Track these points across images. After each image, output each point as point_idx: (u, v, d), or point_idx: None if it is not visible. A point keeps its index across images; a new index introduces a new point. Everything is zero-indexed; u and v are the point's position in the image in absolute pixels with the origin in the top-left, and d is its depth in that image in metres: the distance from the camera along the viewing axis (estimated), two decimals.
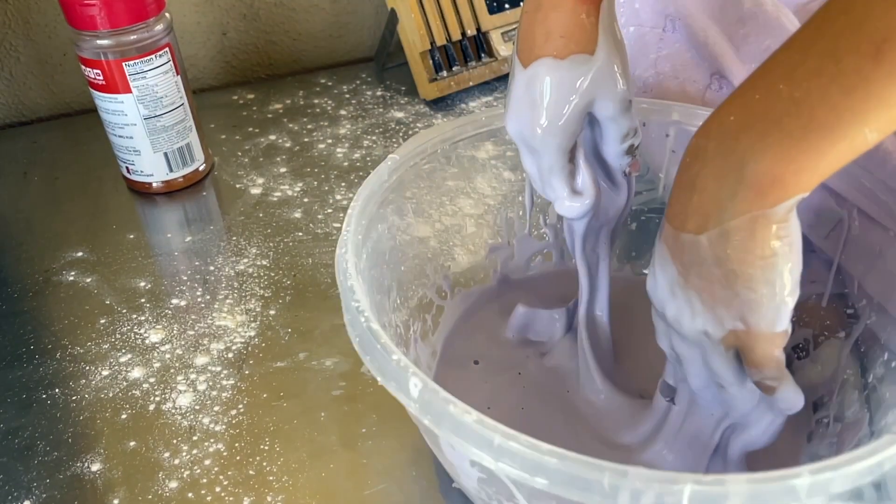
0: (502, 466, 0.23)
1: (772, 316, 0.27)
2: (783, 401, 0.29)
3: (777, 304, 0.27)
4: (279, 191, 0.58)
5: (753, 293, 0.26)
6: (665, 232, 0.29)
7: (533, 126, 0.34)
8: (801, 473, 0.22)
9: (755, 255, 0.26)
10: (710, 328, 0.28)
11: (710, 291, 0.27)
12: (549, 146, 0.34)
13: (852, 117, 0.22)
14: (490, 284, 0.45)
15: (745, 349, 0.28)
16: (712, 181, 0.26)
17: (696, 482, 0.22)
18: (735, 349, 0.29)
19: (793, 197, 0.25)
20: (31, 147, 0.64)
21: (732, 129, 0.25)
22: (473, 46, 0.69)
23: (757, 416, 0.31)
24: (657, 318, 0.31)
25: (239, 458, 0.38)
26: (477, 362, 0.41)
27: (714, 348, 0.29)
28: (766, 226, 0.25)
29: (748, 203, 0.25)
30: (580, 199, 0.36)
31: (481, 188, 0.44)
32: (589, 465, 0.22)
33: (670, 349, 0.31)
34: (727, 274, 0.27)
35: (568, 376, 0.40)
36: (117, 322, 0.46)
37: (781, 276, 0.26)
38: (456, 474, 0.32)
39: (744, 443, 0.32)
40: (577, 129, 0.34)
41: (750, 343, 0.28)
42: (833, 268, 0.37)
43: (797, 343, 0.39)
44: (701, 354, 0.30)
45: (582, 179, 0.36)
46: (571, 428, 0.37)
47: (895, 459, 0.24)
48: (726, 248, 0.26)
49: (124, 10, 0.50)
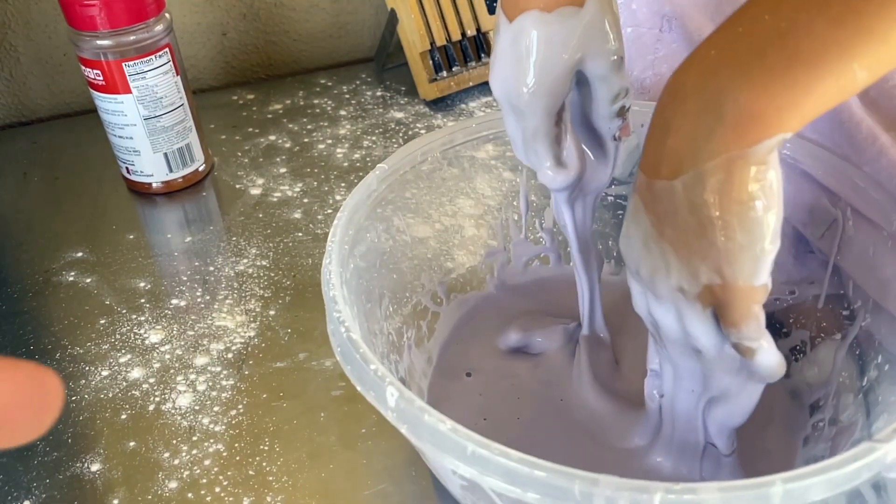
0: (475, 475, 0.23)
1: (750, 267, 0.25)
2: (763, 366, 0.27)
3: (756, 254, 0.25)
4: (279, 191, 0.58)
5: (730, 242, 0.25)
6: (638, 182, 0.27)
7: (518, 85, 0.32)
8: (774, 482, 0.22)
9: (732, 199, 0.24)
10: (685, 284, 0.26)
11: (685, 243, 0.26)
12: (535, 107, 0.32)
13: (840, 51, 0.21)
14: (486, 289, 0.45)
15: (722, 307, 0.26)
16: (688, 120, 0.25)
17: (666, 490, 0.22)
18: (712, 308, 0.27)
19: (774, 136, 0.23)
20: (31, 147, 0.64)
21: (712, 64, 0.24)
22: (473, 46, 0.69)
23: (736, 387, 0.29)
24: (632, 279, 0.30)
25: (239, 459, 0.38)
26: (469, 374, 0.40)
27: (690, 307, 0.27)
28: (744, 167, 0.24)
29: (726, 142, 0.24)
30: (564, 171, 0.34)
31: (481, 189, 0.44)
32: (560, 474, 0.22)
33: (647, 314, 0.30)
34: (703, 222, 0.25)
35: (562, 384, 0.39)
36: (117, 322, 0.46)
37: (760, 224, 0.24)
38: (443, 480, 0.32)
39: (722, 419, 0.31)
40: (565, 89, 0.32)
41: (727, 299, 0.26)
42: (829, 268, 0.37)
43: (794, 345, 0.39)
44: (677, 316, 0.28)
45: (567, 150, 0.34)
46: (569, 435, 0.37)
47: (874, 468, 0.23)
48: (702, 192, 0.24)
49: (124, 11, 0.50)
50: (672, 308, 0.28)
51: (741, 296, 0.26)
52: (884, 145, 0.34)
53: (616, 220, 0.46)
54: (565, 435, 0.37)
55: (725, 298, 0.26)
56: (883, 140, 0.34)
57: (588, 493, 0.22)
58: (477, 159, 0.43)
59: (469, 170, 0.43)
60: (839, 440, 0.33)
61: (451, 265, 0.44)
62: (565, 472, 0.22)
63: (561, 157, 0.34)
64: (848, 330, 0.36)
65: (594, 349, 0.40)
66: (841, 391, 0.35)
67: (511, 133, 0.34)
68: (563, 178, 0.34)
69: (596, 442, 0.36)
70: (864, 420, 0.32)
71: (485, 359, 0.41)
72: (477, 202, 0.44)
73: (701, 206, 0.25)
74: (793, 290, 0.40)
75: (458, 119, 0.66)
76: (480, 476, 0.23)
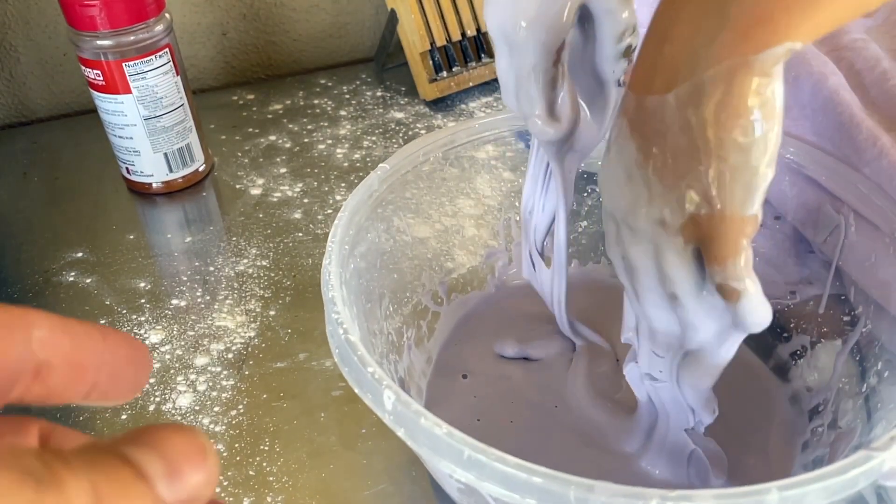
0: (471, 479, 0.23)
1: (742, 194, 0.23)
2: (748, 311, 0.25)
3: (749, 179, 0.23)
4: (279, 191, 0.58)
5: (723, 163, 0.23)
6: (625, 103, 0.25)
7: (517, 17, 0.29)
8: (770, 489, 0.22)
9: (730, 113, 0.22)
10: (668, 215, 0.24)
11: (672, 166, 0.24)
12: (532, 42, 0.30)
13: None
14: (487, 289, 0.45)
15: (707, 240, 0.24)
16: (688, 26, 0.23)
17: (662, 497, 0.22)
18: (695, 246, 0.25)
19: (780, 43, 0.22)
20: (31, 147, 0.64)
21: None
22: (473, 47, 0.69)
23: (715, 339, 0.27)
24: (608, 219, 0.28)
25: (239, 459, 0.38)
26: (465, 376, 0.40)
27: (671, 243, 0.25)
28: (745, 78, 0.22)
29: (727, 48, 0.22)
30: (556, 123, 0.32)
31: (481, 189, 0.44)
32: (556, 479, 0.22)
33: (621, 258, 0.28)
34: (694, 140, 0.23)
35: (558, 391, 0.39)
36: (117, 322, 0.46)
37: (758, 143, 0.22)
38: (440, 482, 0.32)
39: (694, 380, 0.29)
40: (566, 24, 0.30)
41: (713, 230, 0.24)
42: (831, 271, 0.37)
43: (794, 350, 0.39)
44: (655, 255, 0.26)
45: (562, 100, 0.32)
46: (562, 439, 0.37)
47: (870, 476, 0.23)
48: (697, 106, 0.23)
49: (124, 11, 0.50)
50: (650, 247, 0.26)
51: (729, 226, 0.24)
52: (884, 146, 0.34)
53: None
54: (557, 439, 0.37)
55: (712, 230, 0.24)
56: (884, 141, 0.34)
57: (583, 498, 0.22)
58: (477, 159, 0.43)
59: (469, 170, 0.43)
60: (838, 446, 0.33)
61: (452, 265, 0.44)
62: (561, 477, 0.22)
63: (555, 104, 0.31)
64: (849, 335, 0.36)
65: (593, 357, 0.40)
66: (841, 396, 0.35)
67: (503, 75, 0.32)
68: (555, 131, 0.32)
69: (588, 447, 0.36)
70: (864, 426, 0.32)
71: (482, 361, 0.41)
72: (477, 202, 0.44)
73: (694, 122, 0.23)
74: (793, 291, 0.40)
75: (459, 119, 0.66)
76: (477, 481, 0.23)
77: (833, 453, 0.33)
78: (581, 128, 0.34)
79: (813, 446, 0.35)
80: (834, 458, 0.33)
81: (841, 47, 0.41)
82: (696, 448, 0.33)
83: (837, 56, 0.41)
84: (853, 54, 0.40)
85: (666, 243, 0.25)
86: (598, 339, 0.41)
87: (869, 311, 0.35)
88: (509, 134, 0.41)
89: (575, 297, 0.45)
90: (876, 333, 0.34)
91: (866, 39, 0.41)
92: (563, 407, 0.38)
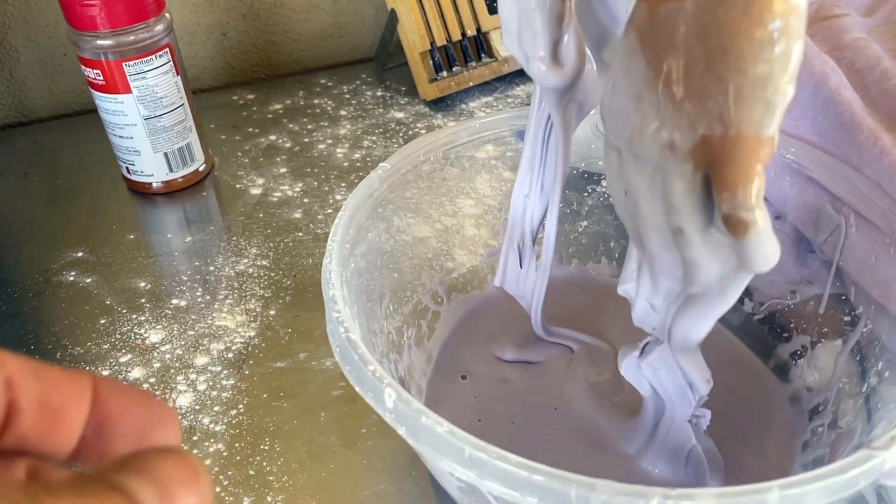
0: (473, 477, 0.23)
1: (761, 111, 0.22)
2: (754, 245, 0.23)
3: (770, 95, 0.21)
4: (279, 191, 0.58)
5: (743, 76, 0.21)
6: (636, 15, 0.24)
7: None
8: (770, 488, 0.22)
9: (753, 20, 0.21)
10: (678, 136, 0.23)
11: (686, 81, 0.22)
12: None
13: None
14: (487, 289, 0.45)
15: (718, 164, 0.22)
16: None
17: (663, 496, 0.22)
18: (704, 172, 0.23)
19: None
20: (31, 147, 0.64)
21: None
22: (473, 47, 0.69)
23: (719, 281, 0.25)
24: (611, 151, 0.26)
25: (239, 459, 0.38)
26: (464, 377, 0.40)
27: (679, 169, 0.23)
28: None
29: None
30: (558, 70, 0.30)
31: (481, 188, 0.44)
32: (557, 478, 0.22)
33: (624, 192, 0.26)
34: (712, 51, 0.21)
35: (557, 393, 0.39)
36: (117, 322, 0.46)
37: (782, 55, 0.21)
38: (440, 481, 0.32)
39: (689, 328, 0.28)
40: None
41: (726, 152, 0.22)
42: (832, 270, 0.37)
43: (795, 350, 0.39)
44: (661, 185, 0.24)
45: (567, 43, 0.30)
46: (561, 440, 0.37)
47: (871, 475, 0.23)
48: (717, 11, 0.21)
49: (124, 11, 0.50)
50: (656, 176, 0.24)
51: (744, 148, 0.22)
52: (885, 146, 0.34)
53: (617, 221, 0.46)
54: (558, 440, 0.37)
55: (724, 152, 0.22)
56: (885, 140, 0.34)
57: (584, 497, 0.22)
58: (477, 159, 0.43)
59: (469, 170, 0.43)
60: (838, 445, 0.33)
61: (452, 265, 0.44)
62: (562, 476, 0.22)
63: (560, 45, 0.30)
64: (849, 335, 0.36)
65: (593, 358, 0.40)
66: (841, 396, 0.35)
67: (505, 13, 0.30)
68: (557, 77, 0.30)
69: (589, 448, 0.36)
70: (864, 425, 0.32)
71: (482, 362, 0.41)
72: (477, 202, 0.44)
73: (713, 30, 0.21)
74: (794, 291, 0.40)
75: (459, 119, 0.66)
76: (478, 479, 0.23)
77: (833, 453, 0.33)
78: (585, 77, 0.32)
79: (813, 446, 0.35)
80: (834, 458, 0.33)
81: (842, 47, 0.41)
82: (695, 445, 0.33)
83: (838, 56, 0.41)
84: (854, 54, 0.40)
85: (673, 170, 0.23)
86: (588, 339, 0.41)
87: (869, 311, 0.35)
88: (509, 134, 0.41)
89: (575, 297, 0.45)
90: (876, 333, 0.34)
91: (867, 39, 0.41)
92: (562, 408, 0.38)
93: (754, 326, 0.42)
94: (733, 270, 0.25)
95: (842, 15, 0.44)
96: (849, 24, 0.43)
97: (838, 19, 0.44)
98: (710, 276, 0.25)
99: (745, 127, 0.22)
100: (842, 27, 0.43)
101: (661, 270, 0.27)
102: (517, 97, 0.69)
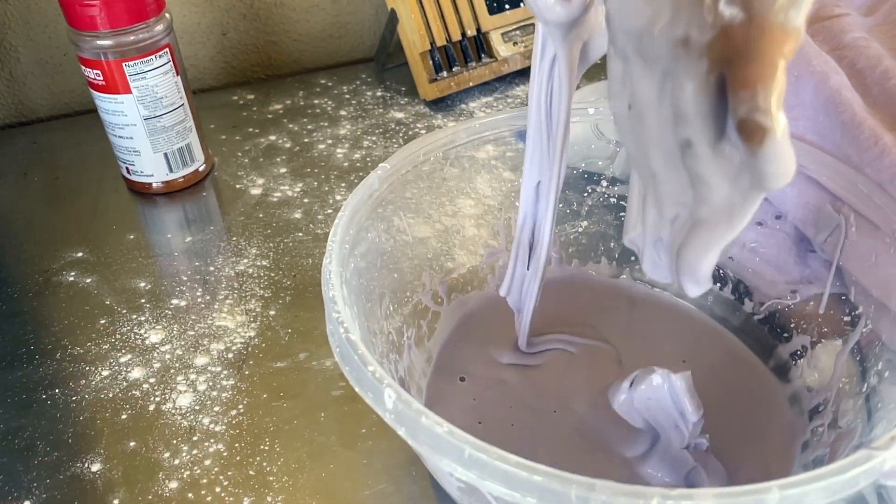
0: (472, 477, 0.23)
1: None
2: (771, 157, 0.20)
3: None
4: (279, 191, 0.58)
5: None
6: None
7: None
8: (770, 488, 0.22)
9: None
10: (695, 30, 0.21)
11: None
12: None
13: None
14: (487, 289, 0.45)
15: (737, 59, 0.20)
16: None
17: (663, 496, 0.22)
18: (719, 74, 0.21)
19: None
20: (31, 147, 0.64)
21: None
22: (473, 47, 0.69)
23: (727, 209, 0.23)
24: (614, 60, 0.24)
25: (239, 459, 0.38)
26: (463, 379, 0.40)
27: (692, 69, 0.21)
28: None
29: None
30: (565, 3, 0.28)
31: (481, 188, 0.44)
32: (557, 478, 0.22)
33: (627, 106, 0.24)
34: None
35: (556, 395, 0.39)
36: (117, 322, 0.46)
37: None
38: (440, 481, 0.32)
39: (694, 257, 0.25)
40: None
41: (748, 44, 0.20)
42: (832, 270, 0.37)
43: (795, 350, 0.39)
44: (670, 89, 0.22)
45: None
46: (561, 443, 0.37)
47: (871, 475, 0.23)
48: None
49: (124, 11, 0.50)
50: (666, 80, 0.22)
51: (768, 39, 0.20)
52: (886, 145, 0.34)
53: (618, 221, 0.46)
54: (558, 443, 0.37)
55: (746, 43, 0.20)
56: (886, 140, 0.34)
57: (584, 497, 0.22)
58: (477, 159, 0.43)
59: (469, 170, 0.43)
60: (838, 446, 0.33)
61: (452, 265, 0.44)
62: (562, 476, 0.22)
63: None
64: (849, 335, 0.36)
65: (592, 359, 0.40)
66: (841, 396, 0.35)
67: None
68: (565, 10, 0.29)
69: (589, 450, 0.36)
70: (865, 425, 0.32)
71: (481, 363, 0.41)
72: (477, 202, 0.44)
73: None
74: (794, 290, 0.40)
75: (459, 119, 0.66)
76: (478, 479, 0.23)
77: (833, 453, 0.33)
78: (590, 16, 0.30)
79: (813, 446, 0.35)
80: (834, 459, 0.32)
81: (842, 46, 0.41)
82: (695, 467, 0.33)
83: (839, 55, 0.41)
84: (854, 53, 0.40)
85: (686, 70, 0.22)
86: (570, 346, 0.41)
87: (869, 311, 0.35)
88: (509, 134, 0.41)
89: (574, 296, 0.45)
90: (877, 333, 0.34)
91: (868, 38, 0.41)
92: (562, 411, 0.38)
93: (754, 326, 0.42)
94: (744, 190, 0.23)
95: (842, 14, 0.44)
96: (849, 23, 0.43)
97: (839, 19, 0.44)
98: (720, 197, 0.23)
99: (770, 14, 0.20)
100: (842, 27, 0.43)
101: (667, 195, 0.25)
102: (517, 97, 0.69)
